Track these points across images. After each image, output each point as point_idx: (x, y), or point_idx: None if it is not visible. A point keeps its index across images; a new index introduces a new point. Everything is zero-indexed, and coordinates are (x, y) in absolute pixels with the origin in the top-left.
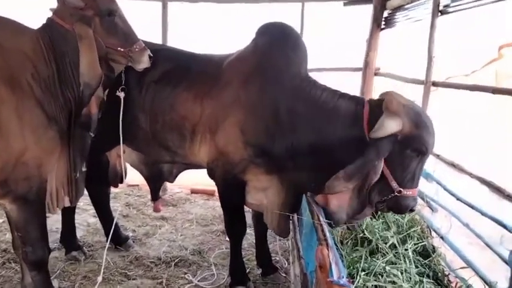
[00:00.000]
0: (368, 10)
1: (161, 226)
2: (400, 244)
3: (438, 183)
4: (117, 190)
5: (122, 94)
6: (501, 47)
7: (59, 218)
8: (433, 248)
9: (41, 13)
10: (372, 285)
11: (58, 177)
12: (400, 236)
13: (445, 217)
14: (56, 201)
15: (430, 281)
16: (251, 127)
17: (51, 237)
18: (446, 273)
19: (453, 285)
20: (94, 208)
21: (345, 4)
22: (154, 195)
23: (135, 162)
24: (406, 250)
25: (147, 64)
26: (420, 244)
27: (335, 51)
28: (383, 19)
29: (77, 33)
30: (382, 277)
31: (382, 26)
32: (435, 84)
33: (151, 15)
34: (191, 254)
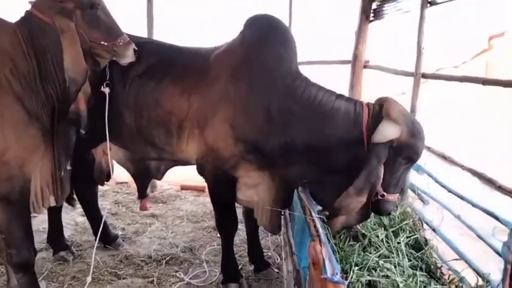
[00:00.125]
0: (356, 2)
1: (151, 224)
2: (393, 237)
3: (429, 175)
4: (105, 188)
5: (107, 90)
6: (491, 38)
7: (46, 218)
8: (425, 241)
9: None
10: (366, 280)
11: (42, 176)
12: (393, 230)
13: (437, 209)
14: (41, 200)
15: (423, 274)
16: (241, 123)
17: (38, 237)
18: (438, 265)
19: (446, 277)
20: (81, 207)
21: None
22: (141, 193)
23: (122, 159)
24: (399, 243)
25: (132, 58)
26: (412, 237)
27: (323, 43)
28: (372, 11)
29: (58, 26)
30: (375, 271)
31: (370, 18)
32: (425, 76)
33: (136, 9)
34: (182, 252)
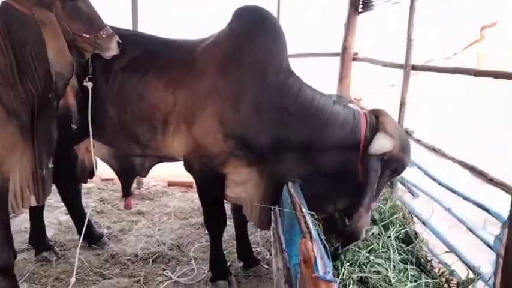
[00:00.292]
0: None
1: (137, 221)
2: (383, 232)
3: (419, 168)
4: (90, 185)
5: (90, 84)
6: (483, 28)
7: (27, 217)
8: (415, 234)
9: None
10: (357, 276)
11: (22, 175)
12: (383, 224)
13: (427, 202)
14: (21, 201)
15: (414, 268)
16: (231, 118)
17: (19, 237)
18: (429, 258)
19: (436, 270)
20: (65, 205)
21: None
22: (125, 191)
23: (105, 156)
24: (389, 237)
25: (116, 51)
26: (402, 231)
27: (312, 36)
28: (360, 2)
29: (38, 18)
30: (366, 267)
31: (359, 10)
32: (415, 68)
33: (120, 2)
34: (170, 249)
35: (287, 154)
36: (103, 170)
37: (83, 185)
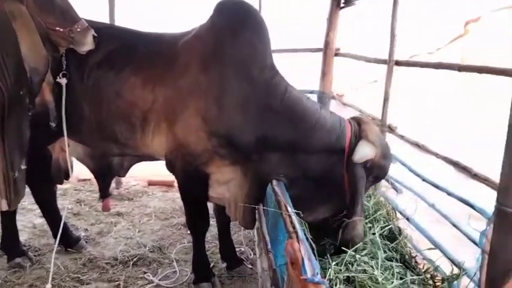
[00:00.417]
0: None
1: (116, 223)
2: (367, 229)
3: (403, 164)
4: (66, 186)
5: (64, 80)
6: (467, 23)
7: None
8: (399, 230)
9: None
10: (344, 276)
11: None
12: (367, 221)
13: (410, 198)
14: None
15: (399, 265)
16: (214, 116)
17: None
18: (413, 255)
19: (421, 266)
20: (39, 208)
21: None
22: (103, 192)
23: (81, 155)
24: (374, 234)
25: (92, 46)
26: (386, 227)
27: (294, 31)
28: None
29: (8, 11)
30: (352, 266)
31: (341, 5)
32: (399, 63)
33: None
34: (150, 251)
35: (272, 153)
36: (80, 170)
37: (59, 186)
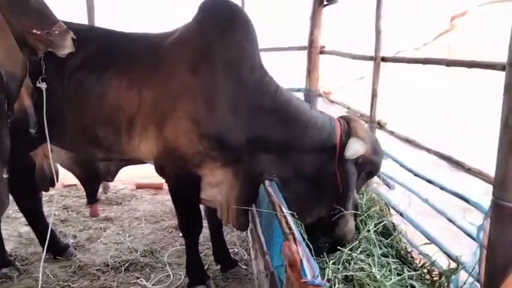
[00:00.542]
0: None
1: (106, 228)
2: (362, 227)
3: (394, 160)
4: (51, 192)
5: (44, 85)
6: (453, 18)
7: None
8: (393, 226)
9: None
10: (342, 275)
11: None
12: (361, 218)
13: (403, 194)
14: None
15: (395, 261)
16: (205, 117)
17: None
18: (408, 250)
19: (417, 261)
20: (24, 216)
21: None
22: (91, 198)
23: (65, 162)
24: (369, 232)
25: (71, 49)
26: (380, 224)
27: (277, 30)
28: None
29: None
30: (350, 265)
31: (324, 3)
32: (385, 59)
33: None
34: (142, 256)
35: (264, 154)
36: (65, 175)
37: (44, 193)
